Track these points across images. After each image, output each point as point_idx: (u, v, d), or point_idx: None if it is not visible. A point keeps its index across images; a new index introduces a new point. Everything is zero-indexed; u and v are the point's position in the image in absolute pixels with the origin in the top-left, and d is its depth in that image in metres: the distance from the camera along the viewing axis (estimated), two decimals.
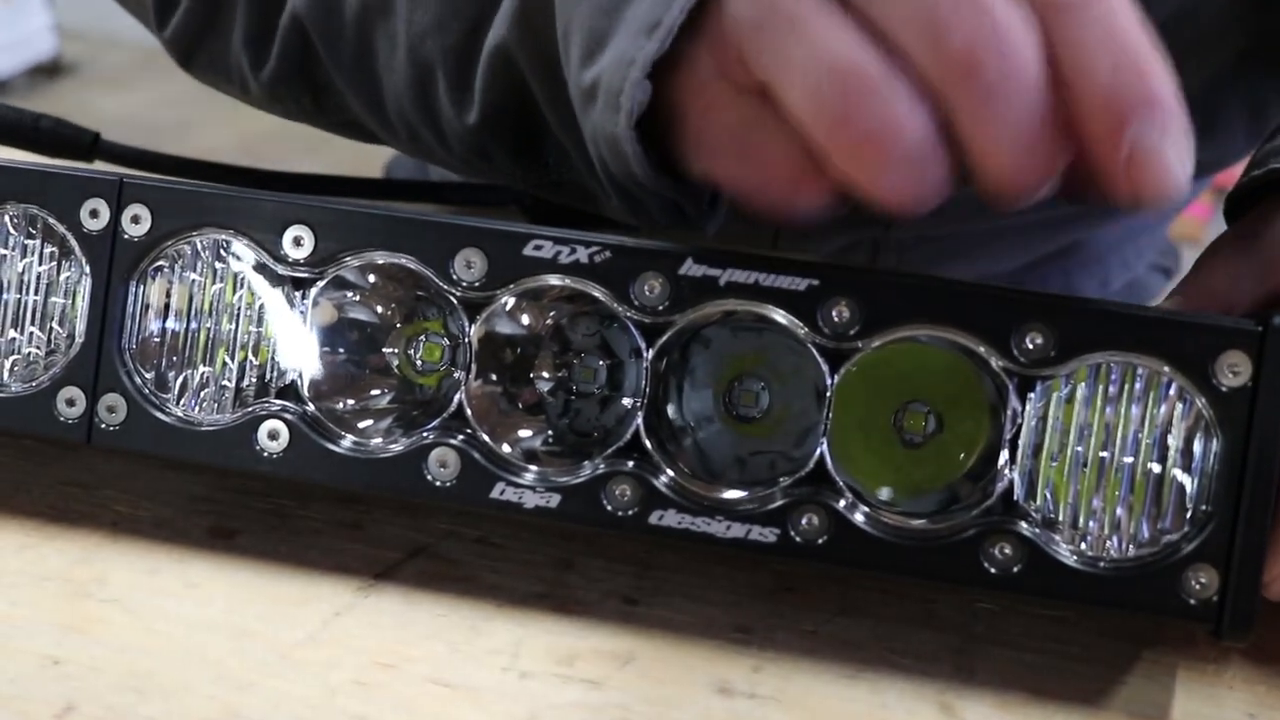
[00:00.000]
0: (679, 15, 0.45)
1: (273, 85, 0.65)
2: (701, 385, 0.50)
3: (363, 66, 0.60)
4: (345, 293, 0.51)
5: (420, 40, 0.57)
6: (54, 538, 0.53)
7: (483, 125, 0.57)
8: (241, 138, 2.98)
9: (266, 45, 0.64)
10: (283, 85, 0.65)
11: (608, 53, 0.47)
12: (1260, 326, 0.45)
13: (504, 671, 0.47)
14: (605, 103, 0.47)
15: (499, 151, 0.58)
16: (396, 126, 0.61)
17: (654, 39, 0.45)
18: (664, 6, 0.45)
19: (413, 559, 0.52)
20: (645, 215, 0.52)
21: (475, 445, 0.49)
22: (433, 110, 0.58)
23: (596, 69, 0.48)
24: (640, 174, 0.48)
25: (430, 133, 0.60)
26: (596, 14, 0.48)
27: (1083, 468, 0.47)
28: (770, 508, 0.47)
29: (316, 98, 0.64)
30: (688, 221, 0.52)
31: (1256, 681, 0.49)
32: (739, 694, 0.47)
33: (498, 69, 0.54)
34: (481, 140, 0.57)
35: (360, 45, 0.59)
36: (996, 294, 0.47)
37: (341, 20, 0.60)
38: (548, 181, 0.58)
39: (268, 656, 0.47)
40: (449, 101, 0.57)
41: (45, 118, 0.70)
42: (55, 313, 0.52)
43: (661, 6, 0.45)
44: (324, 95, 0.64)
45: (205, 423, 0.51)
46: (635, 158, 0.47)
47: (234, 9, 0.64)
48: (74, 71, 3.73)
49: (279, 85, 0.65)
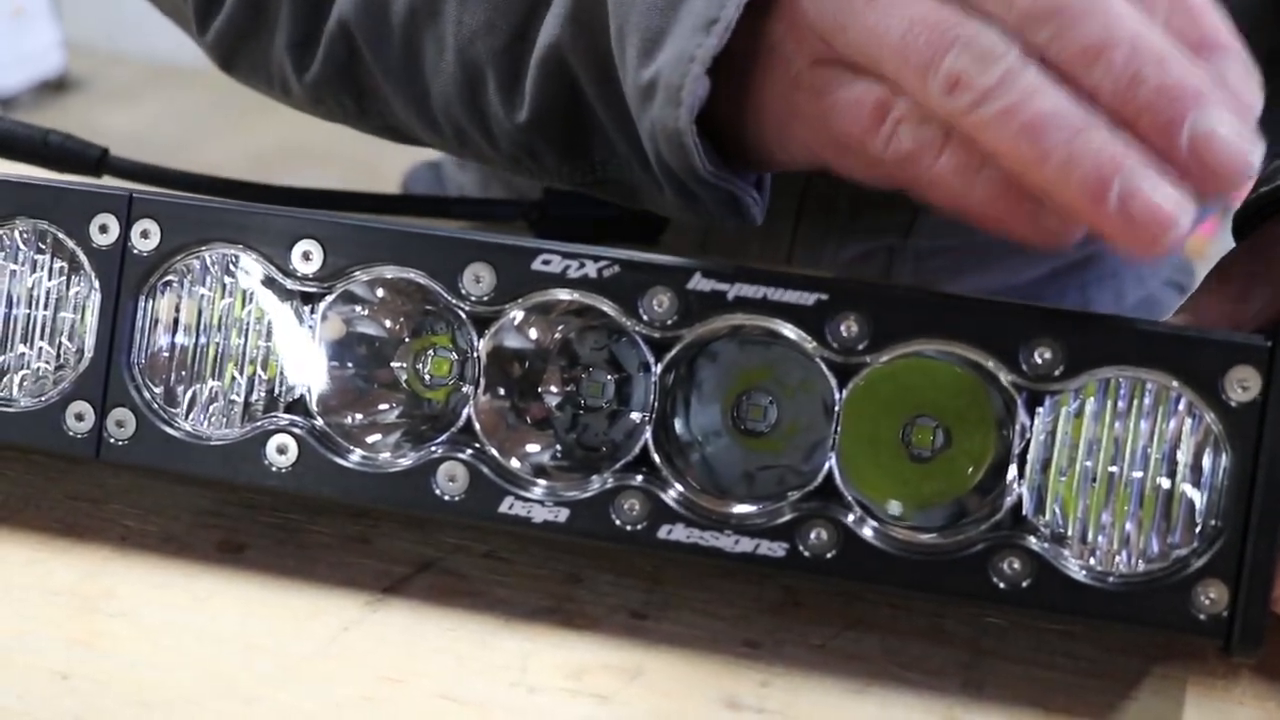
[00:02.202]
0: (735, 11, 0.47)
1: (316, 88, 0.66)
2: (709, 400, 0.50)
3: (410, 69, 0.61)
4: (354, 307, 0.51)
5: (469, 42, 0.57)
6: (63, 552, 0.53)
7: (533, 124, 0.57)
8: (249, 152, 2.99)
9: (311, 49, 0.64)
10: (326, 88, 0.65)
11: (665, 50, 0.49)
12: (1270, 342, 0.45)
13: (512, 686, 0.47)
14: (665, 99, 0.49)
15: (547, 150, 0.58)
16: (443, 127, 0.62)
17: (713, 35, 0.47)
18: (720, 5, 0.47)
19: (421, 573, 0.52)
20: (701, 208, 0.53)
21: (484, 460, 0.49)
22: (482, 111, 0.59)
23: (655, 67, 0.49)
24: (700, 168, 0.49)
25: (479, 133, 0.60)
26: (652, 12, 0.49)
27: (1092, 482, 0.47)
28: (779, 522, 0.47)
29: (359, 100, 0.65)
30: (739, 212, 0.53)
31: (1266, 697, 0.49)
32: (747, 708, 0.47)
33: (550, 69, 0.55)
34: (530, 139, 0.58)
35: (408, 48, 0.60)
36: (1005, 308, 0.47)
37: (389, 24, 0.60)
38: (593, 179, 0.59)
39: (275, 671, 0.47)
40: (499, 102, 0.58)
41: (54, 133, 0.70)
42: (64, 328, 0.53)
43: (717, 4, 0.47)
44: (367, 98, 0.65)
45: (214, 437, 0.51)
46: (696, 151, 0.49)
47: (277, 13, 0.65)
48: (81, 87, 3.74)
49: (322, 88, 0.66)
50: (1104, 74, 0.43)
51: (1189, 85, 0.42)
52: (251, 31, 0.66)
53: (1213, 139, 0.42)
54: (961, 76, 0.43)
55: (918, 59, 0.44)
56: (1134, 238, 0.42)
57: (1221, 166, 0.42)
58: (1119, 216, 0.42)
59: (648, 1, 0.50)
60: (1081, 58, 0.43)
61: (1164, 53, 0.43)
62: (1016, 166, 0.43)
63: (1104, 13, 0.43)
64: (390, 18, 0.60)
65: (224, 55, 0.69)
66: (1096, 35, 0.43)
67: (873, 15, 0.45)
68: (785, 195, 0.77)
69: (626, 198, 0.58)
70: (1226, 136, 0.42)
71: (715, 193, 0.52)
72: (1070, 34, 0.43)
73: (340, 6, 0.62)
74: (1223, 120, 0.42)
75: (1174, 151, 0.42)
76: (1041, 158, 0.42)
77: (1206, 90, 0.42)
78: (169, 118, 3.52)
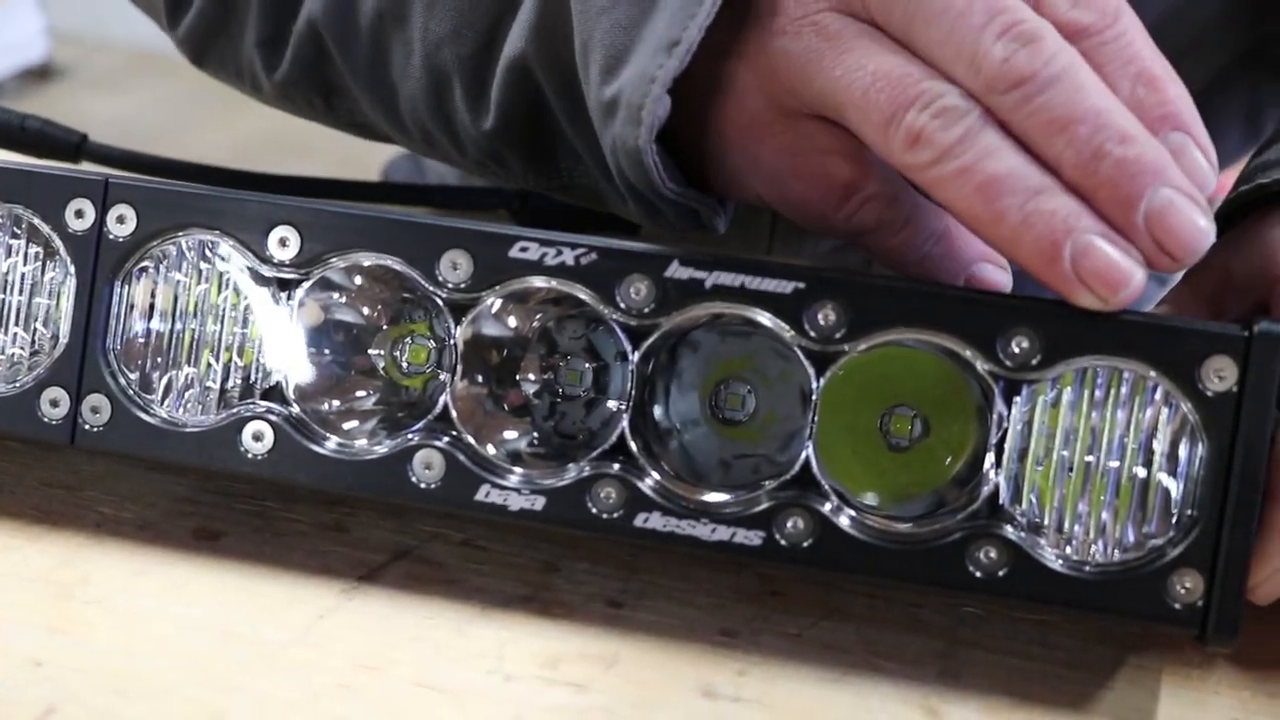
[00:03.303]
0: (697, 34, 0.48)
1: (285, 86, 0.66)
2: (688, 388, 0.50)
3: (377, 72, 0.61)
4: (331, 294, 0.51)
5: (436, 48, 0.57)
6: (37, 539, 0.52)
7: (498, 132, 0.57)
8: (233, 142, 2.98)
9: (280, 48, 0.64)
10: (295, 87, 0.66)
11: (628, 69, 0.49)
12: (1246, 332, 0.45)
13: (489, 674, 0.47)
14: (626, 117, 0.49)
15: (513, 157, 0.59)
16: (411, 129, 0.62)
17: (674, 56, 0.48)
18: (681, 26, 0.48)
19: (397, 561, 0.52)
20: (662, 220, 0.53)
21: (460, 447, 0.49)
22: (448, 116, 0.59)
23: (617, 85, 0.49)
24: (660, 185, 0.50)
25: (445, 137, 0.60)
26: (616, 30, 0.50)
27: (1068, 472, 0.47)
28: (755, 511, 0.47)
29: (328, 99, 0.65)
30: (701, 225, 0.54)
31: (1242, 687, 0.49)
32: (723, 697, 0.47)
33: (515, 79, 0.55)
34: (496, 146, 0.58)
35: (375, 51, 0.60)
36: (983, 298, 0.47)
37: (357, 26, 0.60)
38: (559, 185, 0.59)
39: (251, 659, 0.47)
40: (465, 109, 0.58)
41: (32, 118, 0.70)
42: (39, 313, 0.52)
43: (679, 26, 0.48)
44: (336, 97, 0.65)
45: (190, 424, 0.51)
46: (656, 170, 0.49)
47: (246, 11, 0.65)
48: (65, 75, 3.72)
49: (291, 87, 0.66)
50: (1067, 146, 0.44)
51: (1149, 162, 0.44)
52: (221, 28, 0.66)
53: (1168, 215, 0.43)
54: (922, 132, 0.44)
55: (879, 114, 0.45)
56: (1088, 295, 0.44)
57: (1176, 242, 0.44)
58: (1073, 276, 0.44)
59: (612, 19, 0.50)
60: (1046, 129, 0.44)
61: (1127, 129, 0.44)
62: (973, 224, 0.45)
63: (1070, 85, 0.44)
64: (358, 20, 0.60)
65: (194, 50, 0.69)
66: (1062, 107, 0.44)
67: (839, 68, 0.46)
68: None
69: (593, 202, 0.58)
70: (1182, 213, 0.44)
71: (676, 208, 0.52)
72: (1035, 103, 0.44)
73: (309, 6, 0.62)
74: (1180, 197, 0.44)
75: (1131, 227, 0.44)
76: (997, 217, 0.44)
77: (1166, 167, 0.44)
78: (153, 106, 3.50)
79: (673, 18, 0.48)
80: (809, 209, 0.50)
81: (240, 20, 0.65)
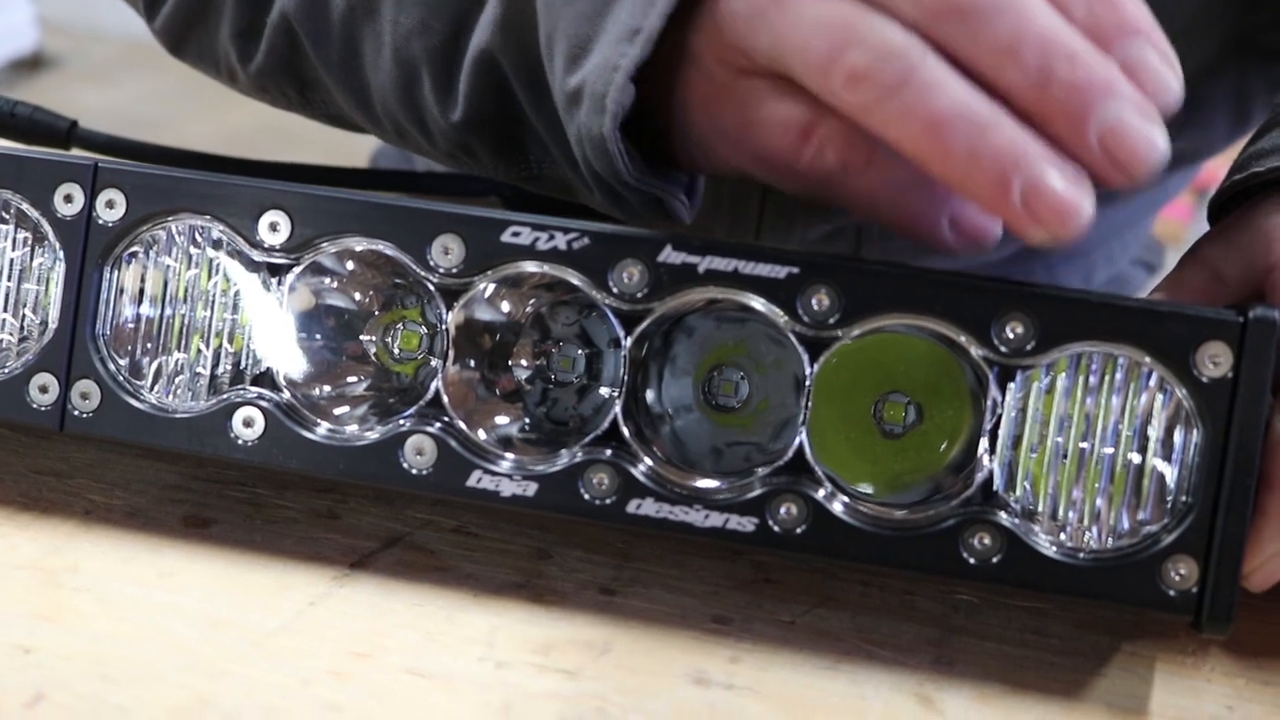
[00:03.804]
0: (658, 22, 0.47)
1: (260, 78, 0.66)
2: (681, 373, 0.50)
3: (349, 65, 0.61)
4: (322, 279, 0.51)
5: (405, 41, 0.57)
6: (26, 526, 0.52)
7: (467, 124, 0.57)
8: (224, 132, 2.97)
9: (254, 40, 0.64)
10: (270, 78, 0.66)
11: (592, 58, 0.49)
12: (1241, 318, 0.45)
13: (480, 661, 0.47)
14: (590, 106, 0.49)
15: (482, 148, 0.59)
16: (383, 121, 0.62)
17: (636, 45, 0.48)
18: (643, 14, 0.48)
19: (389, 548, 0.52)
20: (628, 209, 0.53)
21: (452, 433, 0.49)
22: (418, 108, 0.59)
23: (581, 74, 0.49)
24: (625, 173, 0.50)
25: (415, 129, 0.60)
26: (579, 20, 0.50)
27: (1062, 458, 0.47)
28: (748, 497, 0.47)
29: (303, 91, 0.66)
30: (667, 214, 0.53)
31: (1235, 674, 0.49)
32: (716, 684, 0.47)
33: (482, 72, 0.55)
34: (465, 138, 0.58)
35: (347, 44, 0.60)
36: (977, 283, 0.47)
37: (328, 20, 0.60)
38: (529, 176, 0.59)
39: (241, 645, 0.47)
40: (433, 101, 0.58)
41: (22, 104, 0.69)
42: (28, 299, 0.52)
43: (640, 14, 0.48)
44: (310, 89, 0.65)
45: (180, 410, 0.51)
46: (621, 158, 0.49)
47: (222, 3, 0.65)
48: (56, 65, 3.71)
49: (266, 78, 0.66)
50: (1015, 72, 0.43)
51: (1098, 80, 0.43)
52: (198, 19, 0.67)
53: (1119, 132, 0.43)
54: (862, 72, 0.44)
55: (818, 57, 0.45)
56: (1038, 229, 0.43)
57: (1129, 156, 0.43)
58: (1023, 210, 0.43)
59: (575, 9, 0.50)
60: (992, 57, 0.43)
61: (1075, 49, 0.43)
62: (922, 163, 0.44)
63: (1015, 9, 0.43)
64: (330, 13, 0.60)
65: (172, 41, 0.70)
66: (1007, 34, 0.43)
67: (783, 22, 0.46)
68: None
69: (562, 193, 0.59)
70: (1133, 127, 0.43)
71: (641, 196, 0.52)
72: (981, 33, 0.43)
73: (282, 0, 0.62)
74: (1130, 112, 0.43)
75: (1084, 148, 0.43)
76: (944, 155, 0.43)
77: (1117, 84, 0.43)
78: (144, 96, 3.49)
79: (634, 6, 0.48)
80: (775, 160, 0.49)
81: (216, 11, 0.66)
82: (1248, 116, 0.76)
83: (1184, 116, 0.45)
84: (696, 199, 0.54)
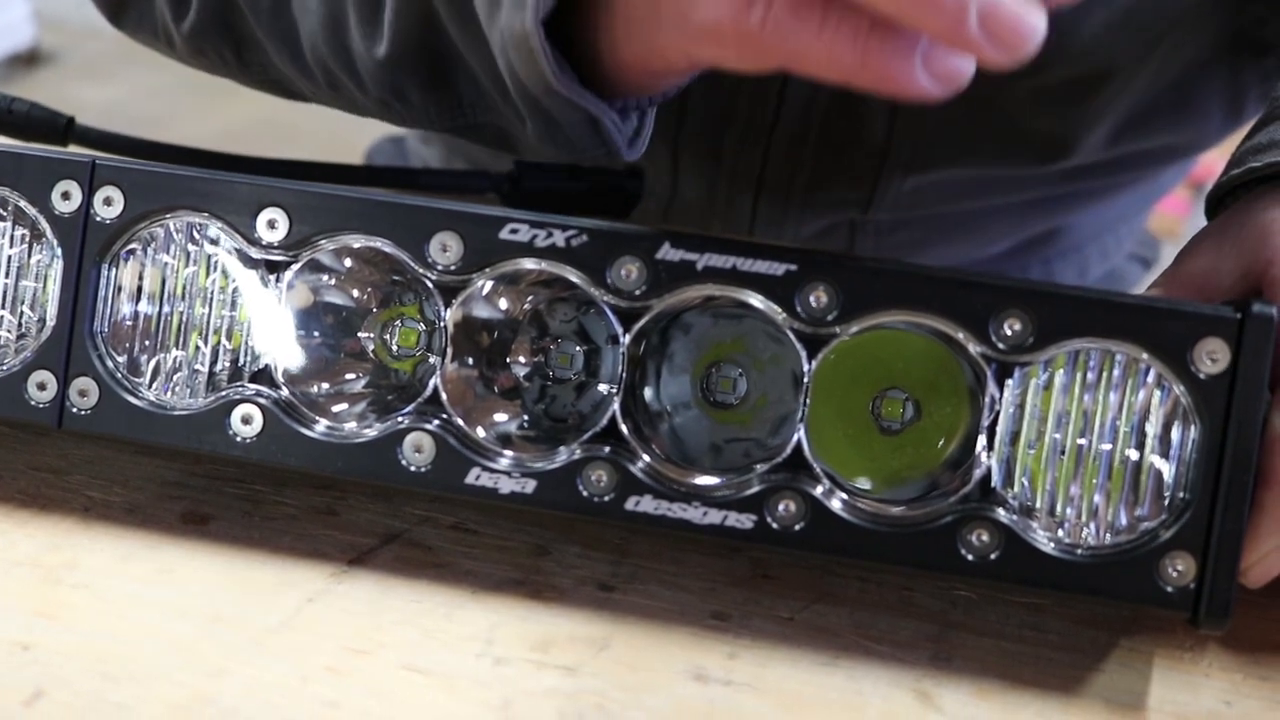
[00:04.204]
0: None
1: (195, 38, 0.65)
2: (679, 370, 0.50)
3: (278, 9, 0.61)
4: (320, 276, 0.51)
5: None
6: (25, 523, 0.52)
7: (393, 59, 0.57)
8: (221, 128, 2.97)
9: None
10: (205, 38, 0.65)
11: None
12: (1239, 314, 0.45)
13: (478, 658, 0.47)
14: (511, 3, 0.48)
15: (412, 87, 0.58)
16: (315, 72, 0.62)
17: None
18: None
19: (387, 545, 0.52)
20: (561, 137, 0.52)
21: (450, 430, 0.49)
22: (345, 48, 0.59)
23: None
24: (551, 76, 0.48)
25: (345, 74, 0.60)
26: None
27: (1060, 455, 0.47)
28: (747, 494, 0.47)
29: (238, 51, 0.65)
30: (605, 143, 0.52)
31: (1233, 669, 0.49)
32: (714, 680, 0.47)
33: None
34: (394, 76, 0.58)
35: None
36: (975, 280, 0.47)
37: None
38: (464, 123, 0.58)
39: (240, 642, 0.47)
40: (360, 36, 0.57)
41: (19, 101, 0.69)
42: (26, 296, 0.52)
43: None
44: (245, 48, 0.65)
45: (178, 407, 0.51)
46: (545, 55, 0.48)
47: None
48: (53, 61, 3.71)
49: (201, 38, 0.65)
50: None
51: None
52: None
53: None
54: None
55: None
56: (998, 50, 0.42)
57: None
58: (981, 34, 0.42)
59: None
60: None
61: None
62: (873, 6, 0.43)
63: None
64: None
65: (111, 8, 0.69)
66: None
67: None
68: (742, 173, 0.77)
69: (502, 144, 0.57)
70: None
71: (572, 112, 0.50)
72: None
73: None
74: None
75: None
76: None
77: None
78: (141, 93, 3.49)
79: None
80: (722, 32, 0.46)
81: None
82: (1241, 110, 0.77)
83: (1178, 110, 0.45)
84: (644, 134, 0.53)
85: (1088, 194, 0.85)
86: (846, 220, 0.81)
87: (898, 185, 0.77)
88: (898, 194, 0.77)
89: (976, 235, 0.86)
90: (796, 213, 0.79)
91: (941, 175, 0.77)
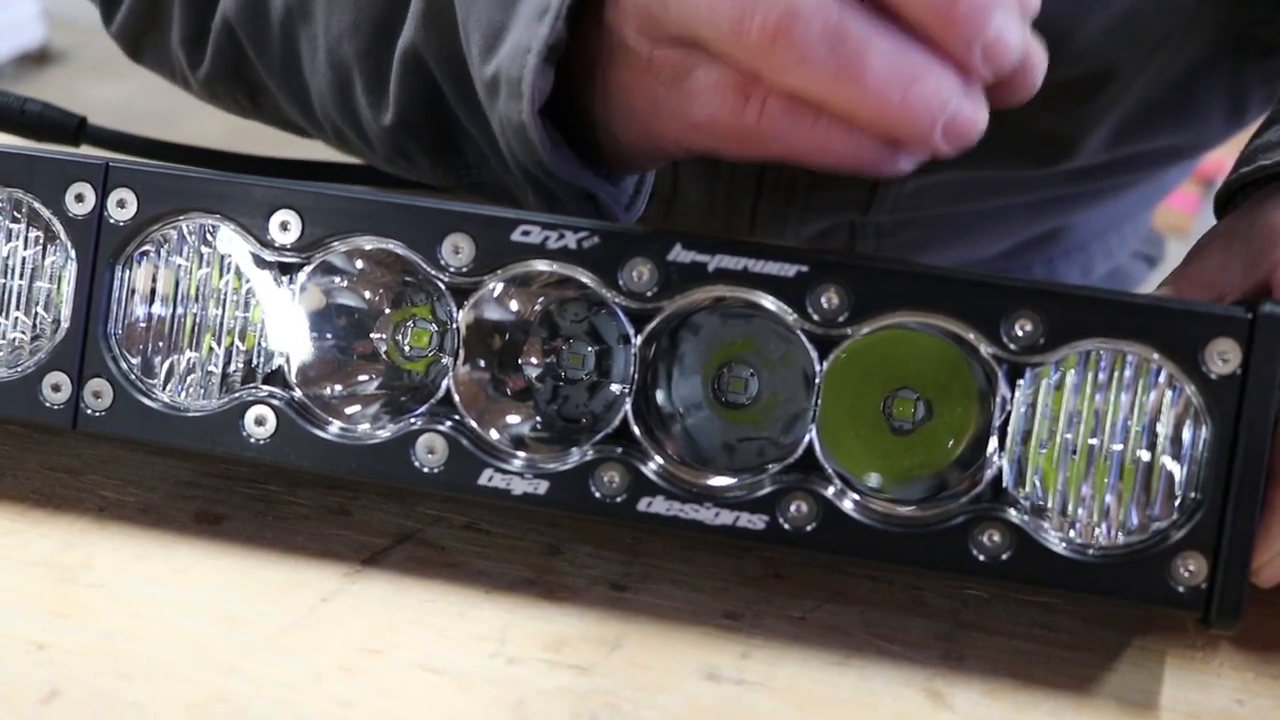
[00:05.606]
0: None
1: (210, 84, 0.67)
2: (690, 371, 0.50)
3: (289, 68, 0.61)
4: (333, 278, 0.51)
5: (337, 43, 0.58)
6: (40, 523, 0.52)
7: (399, 127, 0.57)
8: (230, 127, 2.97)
9: (201, 45, 0.65)
10: (219, 84, 0.66)
11: (506, 43, 0.49)
12: (1250, 314, 0.45)
13: (491, 657, 0.47)
14: (509, 92, 0.49)
15: (418, 152, 0.59)
16: (324, 126, 0.63)
17: (545, 24, 0.47)
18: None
19: (400, 545, 0.52)
20: (560, 208, 0.53)
21: (463, 431, 0.49)
22: (354, 113, 0.59)
23: (496, 61, 0.49)
24: (548, 159, 0.49)
25: (353, 133, 0.61)
26: (493, 7, 0.49)
27: (1072, 455, 0.47)
28: (759, 495, 0.47)
29: (253, 97, 0.66)
30: (601, 211, 0.53)
31: (1245, 669, 0.49)
32: (727, 680, 0.47)
33: (409, 70, 0.55)
34: (400, 141, 0.58)
35: (286, 48, 0.61)
36: (986, 281, 0.47)
37: (268, 23, 0.61)
38: (469, 181, 0.59)
39: (254, 641, 0.47)
40: (366, 104, 0.58)
41: (32, 101, 0.70)
42: (40, 298, 0.52)
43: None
44: (259, 94, 0.66)
45: (191, 408, 0.51)
46: (541, 143, 0.49)
47: (171, 8, 0.66)
48: (62, 59, 3.71)
49: (215, 84, 0.67)
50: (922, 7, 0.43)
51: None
52: (150, 25, 0.68)
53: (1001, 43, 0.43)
54: (773, 29, 0.43)
55: (727, 20, 0.43)
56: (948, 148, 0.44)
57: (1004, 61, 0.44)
58: (942, 139, 0.44)
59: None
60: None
61: None
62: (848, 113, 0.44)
63: None
64: (269, 16, 0.61)
65: (129, 45, 0.71)
66: None
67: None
68: (743, 175, 0.77)
69: (506, 201, 0.58)
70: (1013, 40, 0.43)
71: (569, 190, 0.51)
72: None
73: (224, 5, 0.63)
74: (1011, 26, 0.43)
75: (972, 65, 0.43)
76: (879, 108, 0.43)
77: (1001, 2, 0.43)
78: (151, 91, 3.48)
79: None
80: (718, 126, 0.47)
81: (166, 18, 0.67)
82: (1243, 111, 0.77)
83: (1179, 111, 0.45)
84: (641, 199, 0.54)
85: (1090, 194, 0.85)
86: (847, 221, 0.81)
87: (898, 187, 0.77)
88: (898, 196, 0.77)
89: (978, 236, 0.86)
90: (797, 214, 0.79)
91: (941, 177, 0.77)
